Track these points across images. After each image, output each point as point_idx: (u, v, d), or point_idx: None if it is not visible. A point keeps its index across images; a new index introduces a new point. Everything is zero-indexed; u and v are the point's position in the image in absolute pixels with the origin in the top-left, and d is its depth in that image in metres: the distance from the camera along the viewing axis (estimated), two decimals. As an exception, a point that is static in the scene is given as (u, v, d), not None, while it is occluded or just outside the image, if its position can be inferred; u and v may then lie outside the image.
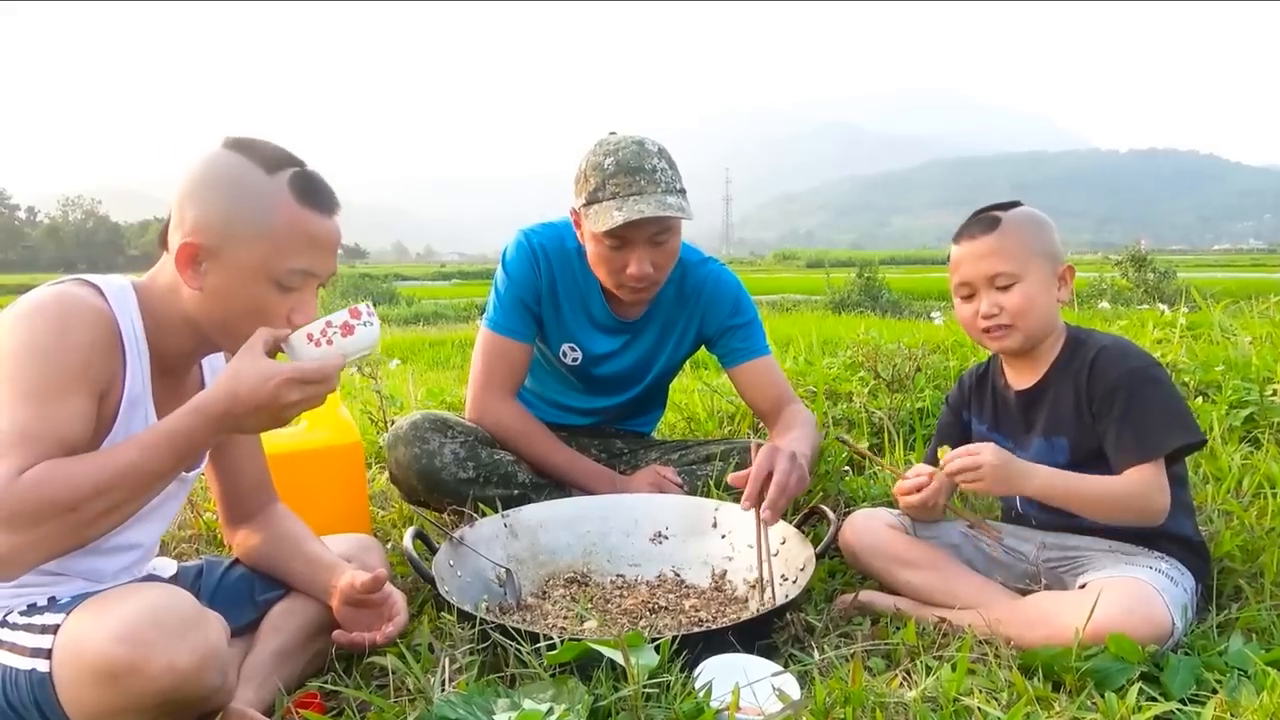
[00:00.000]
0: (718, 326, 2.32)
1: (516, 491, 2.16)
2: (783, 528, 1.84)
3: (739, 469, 1.84)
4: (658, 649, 1.31)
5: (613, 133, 2.17)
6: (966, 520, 1.74)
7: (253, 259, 1.28)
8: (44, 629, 1.19)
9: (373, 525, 2.28)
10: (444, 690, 1.33)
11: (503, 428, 2.24)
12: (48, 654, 1.16)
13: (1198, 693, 1.36)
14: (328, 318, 1.30)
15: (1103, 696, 1.31)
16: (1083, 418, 1.65)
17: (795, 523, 1.90)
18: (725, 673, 1.31)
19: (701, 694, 1.27)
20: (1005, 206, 1.73)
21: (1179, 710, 1.31)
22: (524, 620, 1.72)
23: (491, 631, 1.46)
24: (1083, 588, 1.54)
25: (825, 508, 1.92)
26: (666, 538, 2.03)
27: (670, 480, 2.22)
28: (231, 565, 1.61)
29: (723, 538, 1.97)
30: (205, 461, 1.54)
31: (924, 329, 5.24)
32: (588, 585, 1.93)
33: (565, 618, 1.73)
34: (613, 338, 2.33)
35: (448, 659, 1.40)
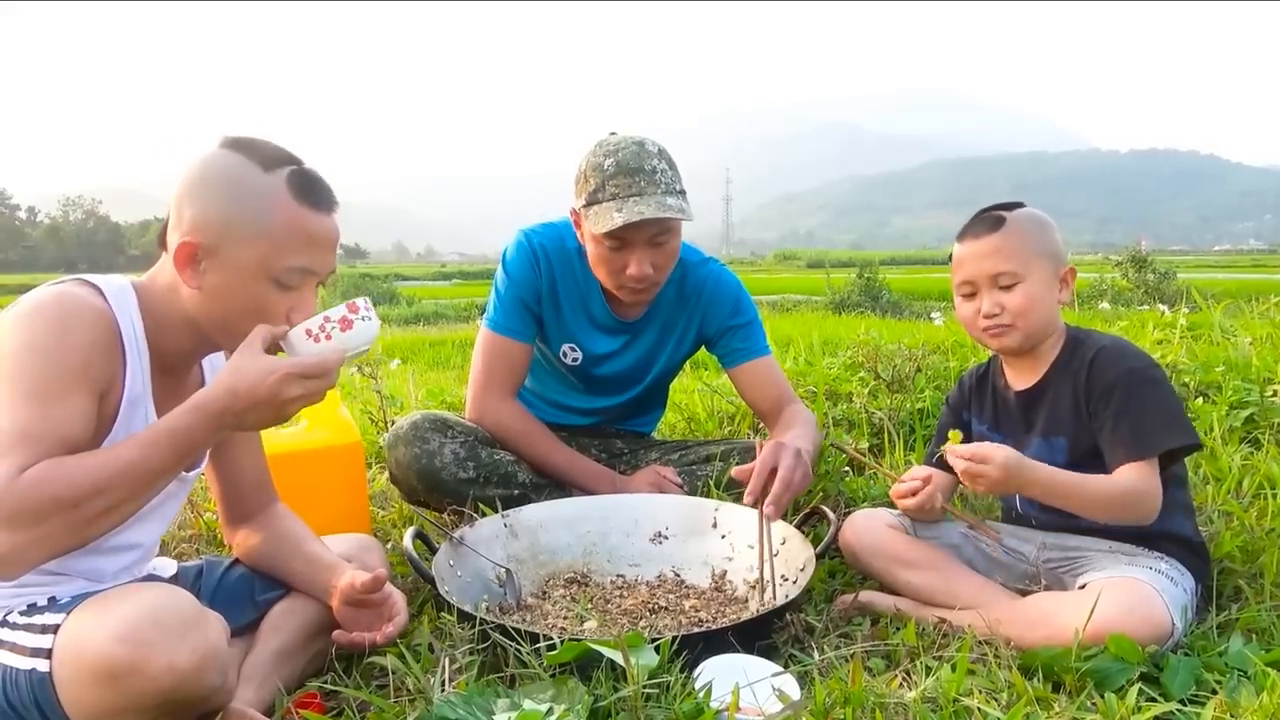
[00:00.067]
0: (718, 327, 2.32)
1: (516, 491, 2.16)
2: (783, 528, 1.84)
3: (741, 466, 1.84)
4: (658, 649, 1.31)
5: (613, 133, 2.17)
6: (966, 521, 1.75)
7: (251, 258, 1.28)
8: (44, 629, 1.19)
9: (373, 525, 2.28)
10: (444, 690, 1.32)
11: (503, 428, 2.24)
12: (48, 654, 1.16)
13: (1197, 693, 1.36)
14: (325, 313, 1.30)
15: (1102, 697, 1.31)
16: (1081, 417, 1.65)
17: (795, 523, 1.90)
18: (725, 673, 1.31)
19: (701, 694, 1.27)
20: (1009, 206, 1.73)
21: (1179, 711, 1.31)
22: (524, 620, 1.72)
23: (491, 632, 1.46)
24: (1083, 588, 1.54)
25: (825, 508, 1.92)
26: (666, 538, 2.03)
27: (670, 480, 2.22)
28: (232, 565, 1.61)
29: (723, 538, 1.97)
30: (205, 461, 1.54)
31: (924, 329, 5.23)
32: (588, 585, 1.93)
33: (565, 618, 1.73)
34: (613, 338, 2.33)
35: (448, 659, 1.40)
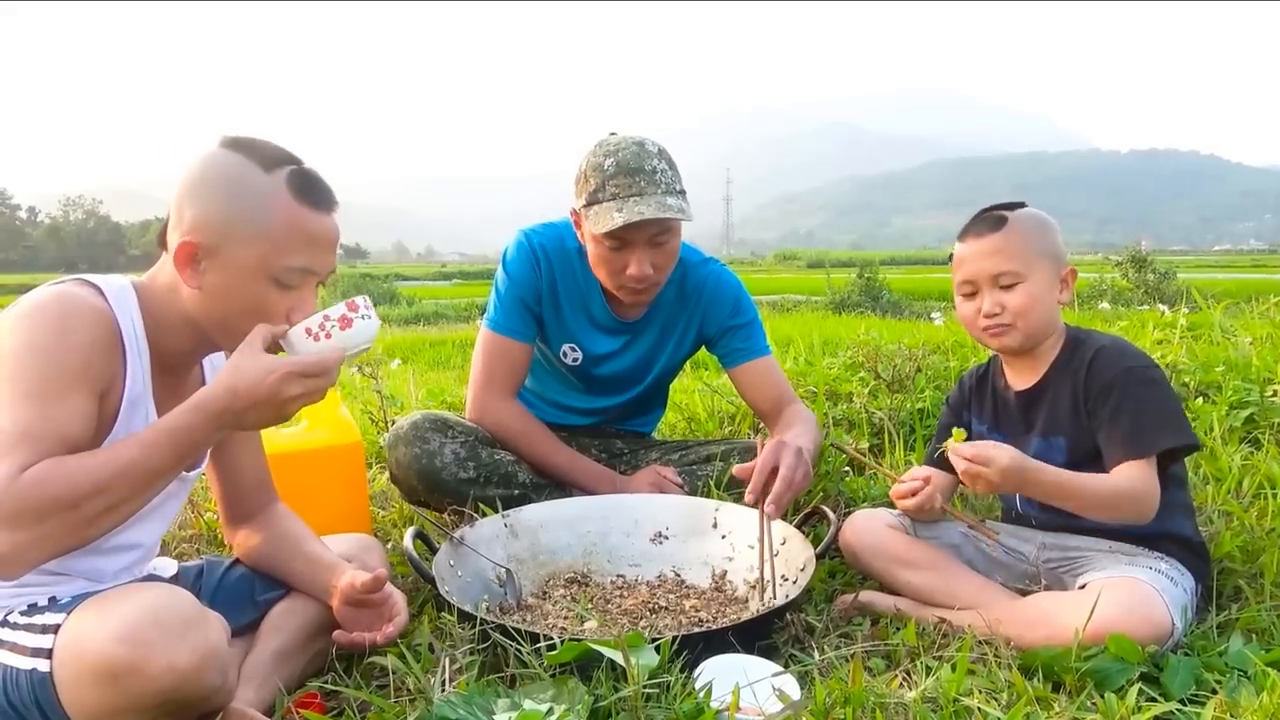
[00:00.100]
0: (718, 327, 2.32)
1: (517, 491, 2.16)
2: (783, 528, 1.84)
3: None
4: (658, 649, 1.31)
5: (613, 133, 2.17)
6: (965, 522, 1.75)
7: (251, 257, 1.28)
8: (45, 629, 1.19)
9: (373, 525, 2.28)
10: (444, 690, 1.33)
11: (503, 428, 2.24)
12: (48, 654, 1.16)
13: (1197, 693, 1.36)
14: (325, 311, 1.30)
15: (1102, 697, 1.31)
16: (1080, 417, 1.65)
17: (796, 523, 1.90)
18: (725, 673, 1.31)
19: (701, 694, 1.27)
20: (1011, 206, 1.73)
21: (1179, 711, 1.31)
22: (524, 620, 1.72)
23: (492, 632, 1.46)
24: (1083, 588, 1.54)
25: (825, 508, 1.92)
26: (667, 538, 2.03)
27: (670, 480, 2.22)
28: (232, 565, 1.61)
29: (723, 538, 1.97)
30: (206, 461, 1.55)
31: (924, 329, 5.24)
32: (588, 585, 1.93)
33: (565, 618, 1.73)
34: (613, 338, 2.33)
35: (448, 659, 1.40)
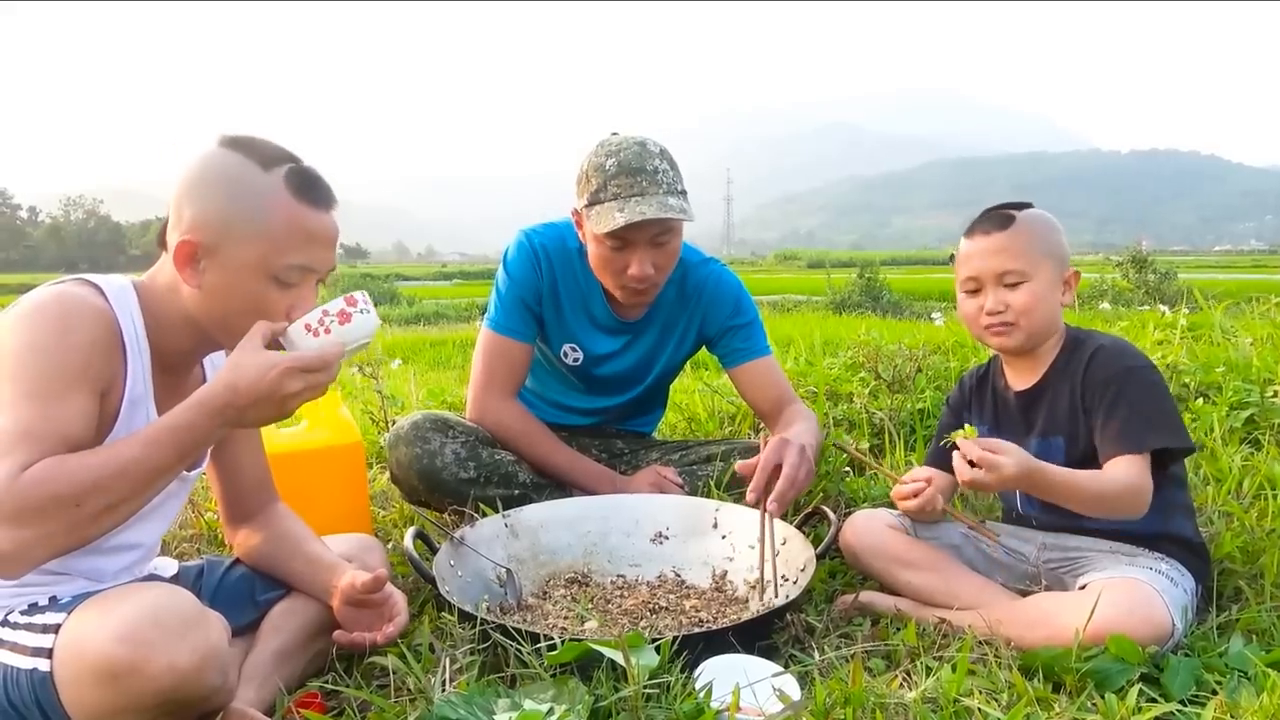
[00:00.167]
0: (719, 327, 2.32)
1: (517, 491, 2.16)
2: (784, 528, 1.84)
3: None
4: (658, 649, 1.31)
5: (615, 133, 2.17)
6: (966, 523, 1.75)
7: (251, 256, 1.28)
8: (45, 628, 1.19)
9: (373, 525, 2.28)
10: (444, 690, 1.32)
11: (503, 428, 2.24)
12: (49, 653, 1.16)
13: (1198, 694, 1.36)
14: (324, 306, 1.30)
15: (1103, 697, 1.31)
16: (1078, 416, 1.66)
17: (796, 523, 1.90)
18: (726, 673, 1.31)
19: (702, 694, 1.27)
20: (1019, 206, 1.73)
21: (1179, 711, 1.31)
22: (524, 620, 1.72)
23: (492, 632, 1.46)
24: (1083, 588, 1.54)
25: (826, 508, 1.92)
26: (667, 538, 2.03)
27: (671, 480, 2.22)
28: (232, 565, 1.61)
29: (723, 538, 1.97)
30: (206, 461, 1.55)
31: (925, 330, 5.23)
32: (588, 585, 1.93)
33: (566, 618, 1.73)
34: (614, 338, 2.33)
35: (448, 659, 1.40)
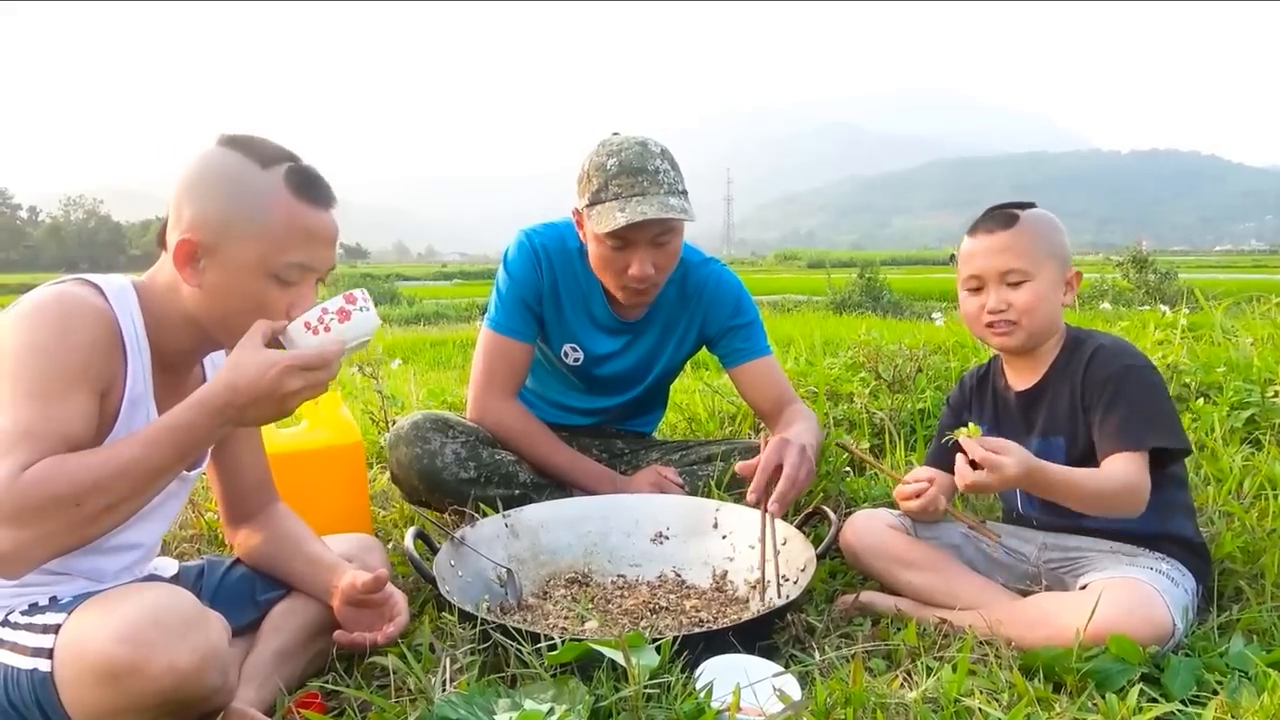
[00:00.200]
0: (719, 327, 2.32)
1: (518, 491, 2.16)
2: (784, 528, 1.84)
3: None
4: (658, 649, 1.31)
5: (616, 133, 2.17)
6: (967, 523, 1.74)
7: (250, 254, 1.28)
8: (45, 629, 1.19)
9: (374, 525, 2.28)
10: (445, 690, 1.32)
11: (504, 428, 2.24)
12: (49, 654, 1.16)
13: (1198, 694, 1.36)
14: (323, 304, 1.30)
15: (1103, 697, 1.31)
16: (1077, 415, 1.66)
17: (796, 523, 1.90)
18: (726, 673, 1.31)
19: (702, 694, 1.27)
20: (1022, 206, 1.74)
21: (1179, 711, 1.31)
22: (525, 620, 1.72)
23: (492, 632, 1.46)
24: (1083, 589, 1.54)
25: (826, 508, 1.92)
26: (667, 538, 2.03)
27: (671, 480, 2.22)
28: (233, 565, 1.61)
29: (724, 538, 1.97)
30: (207, 461, 1.55)
31: (925, 330, 5.24)
32: (589, 585, 1.93)
33: (566, 618, 1.73)
34: (614, 338, 2.33)
35: (449, 659, 1.40)
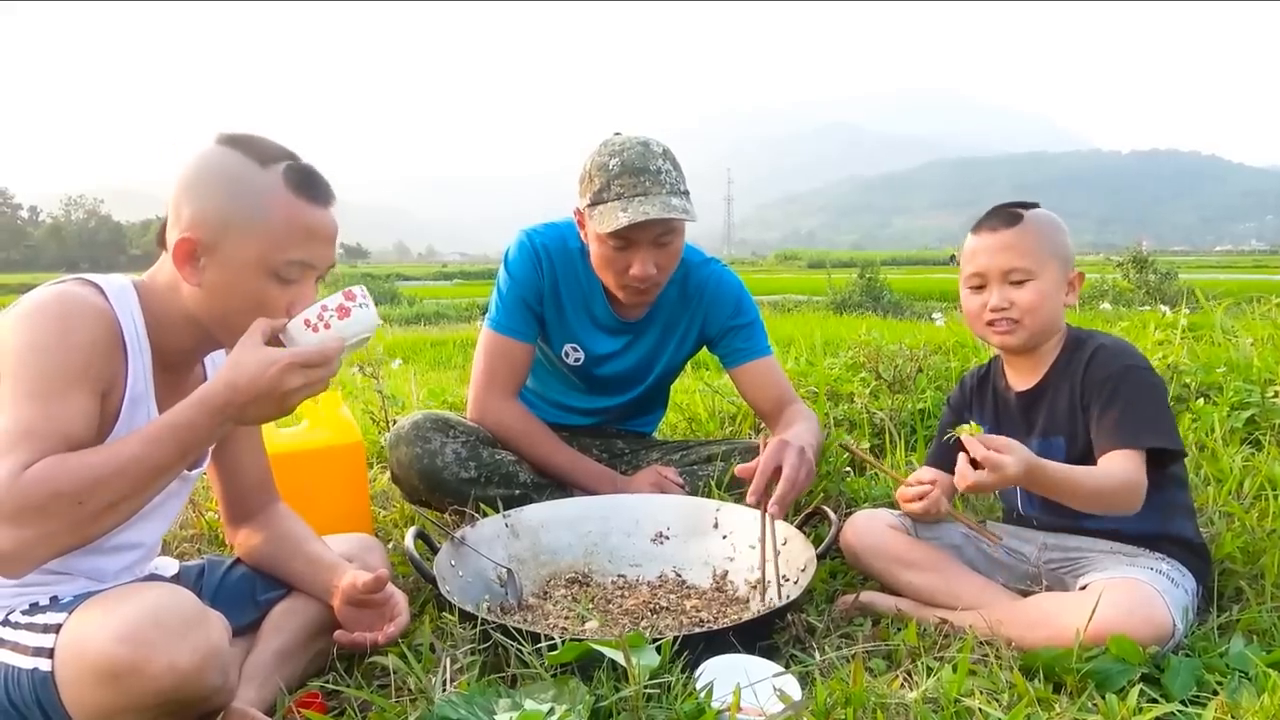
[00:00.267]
0: (720, 327, 2.32)
1: (518, 491, 2.16)
2: (784, 528, 1.84)
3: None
4: (659, 649, 1.31)
5: (618, 133, 2.17)
6: (968, 524, 1.74)
7: (250, 253, 1.28)
8: (46, 628, 1.19)
9: (374, 525, 2.28)
10: (445, 690, 1.32)
11: (504, 428, 2.24)
12: (50, 653, 1.16)
13: (1198, 694, 1.36)
14: (323, 302, 1.30)
15: (1103, 698, 1.31)
16: (1077, 414, 1.66)
17: (797, 523, 1.90)
18: (726, 673, 1.31)
19: (703, 694, 1.27)
20: (1026, 205, 1.74)
21: (1180, 712, 1.31)
22: (525, 620, 1.72)
23: (493, 631, 1.46)
24: (1084, 589, 1.54)
25: (826, 508, 1.92)
26: (668, 538, 2.03)
27: (671, 480, 2.22)
28: (233, 565, 1.61)
29: (724, 538, 1.97)
30: (207, 460, 1.55)
31: (925, 330, 5.24)
32: (589, 585, 1.93)
33: (566, 618, 1.73)
34: (615, 338, 2.33)
35: (449, 659, 1.40)
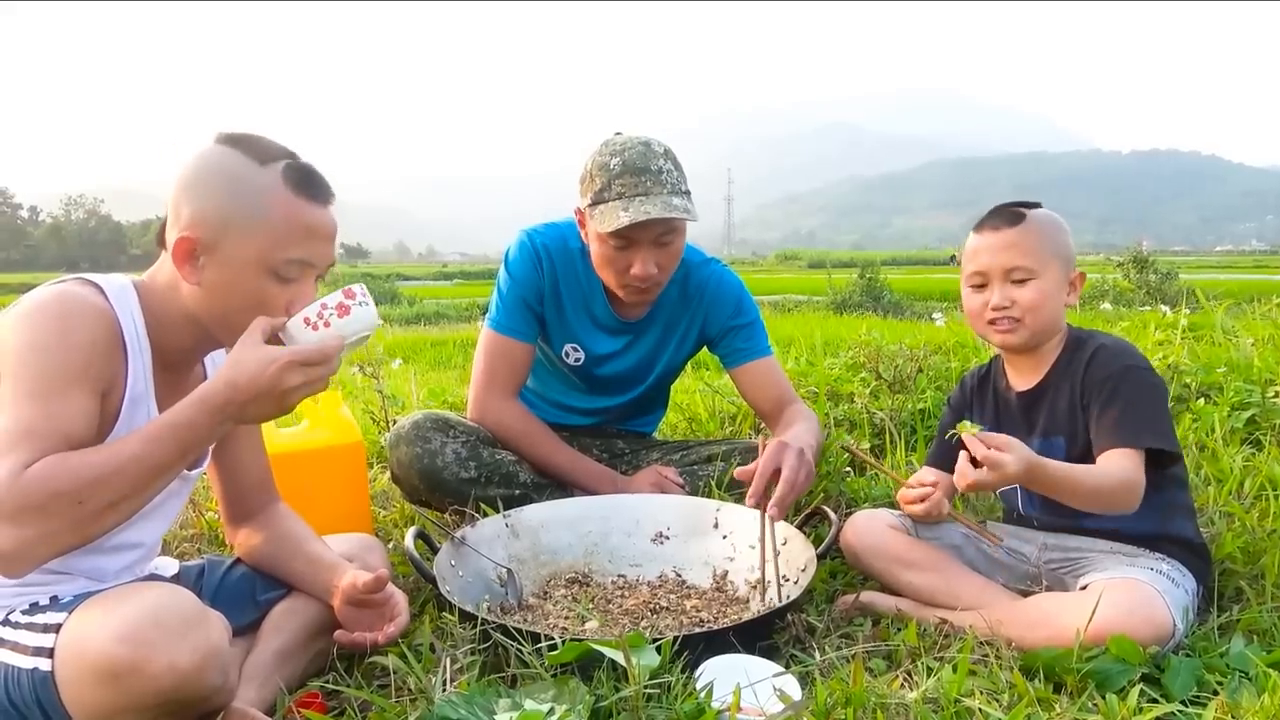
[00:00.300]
0: (720, 327, 2.32)
1: (518, 491, 2.16)
2: (784, 528, 1.84)
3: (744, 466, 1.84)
4: (659, 649, 1.31)
5: (619, 133, 2.17)
6: (969, 525, 1.74)
7: (250, 251, 1.28)
8: (46, 628, 1.19)
9: (374, 525, 2.28)
10: (445, 690, 1.32)
11: (504, 428, 2.24)
12: (50, 653, 1.16)
13: (1199, 694, 1.36)
14: (322, 300, 1.30)
15: (1104, 698, 1.31)
16: (1077, 414, 1.66)
17: (797, 523, 1.90)
18: (726, 673, 1.31)
19: (703, 694, 1.27)
20: (1029, 205, 1.74)
21: (1180, 712, 1.31)
22: (525, 620, 1.72)
23: (493, 631, 1.46)
24: (1084, 589, 1.54)
25: (827, 508, 1.92)
26: (668, 538, 2.03)
27: (672, 480, 2.22)
28: (233, 565, 1.61)
29: (724, 538, 1.97)
30: (208, 460, 1.55)
31: (926, 330, 5.24)
32: (589, 585, 1.93)
33: (566, 618, 1.73)
34: (615, 338, 2.33)
35: (449, 659, 1.40)
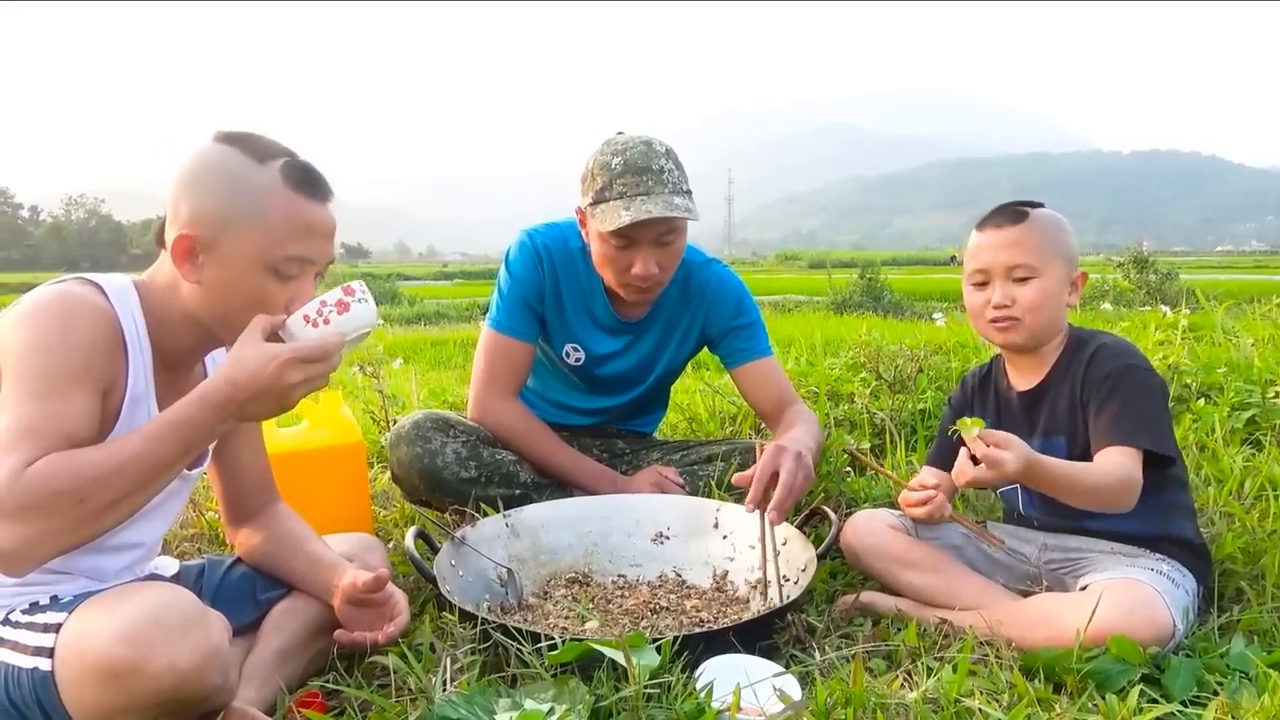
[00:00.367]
0: (720, 327, 2.32)
1: (518, 491, 2.16)
2: (784, 528, 1.83)
3: (742, 469, 1.84)
4: (659, 649, 1.31)
5: (620, 132, 2.17)
6: (970, 527, 1.74)
7: (249, 249, 1.28)
8: (46, 628, 1.19)
9: (374, 525, 2.28)
10: (445, 690, 1.33)
11: (504, 427, 2.24)
12: (50, 653, 1.16)
13: (1199, 695, 1.36)
14: (322, 297, 1.30)
15: (1104, 698, 1.30)
16: (1077, 413, 1.66)
17: (797, 523, 1.90)
18: (726, 673, 1.31)
19: (703, 694, 1.27)
20: (1032, 205, 1.74)
21: (1180, 712, 1.31)
22: (525, 620, 1.72)
23: (493, 631, 1.46)
24: (1084, 589, 1.54)
25: (827, 508, 1.92)
26: (668, 538, 2.03)
27: (672, 480, 2.22)
28: (233, 564, 1.61)
29: (724, 538, 1.97)
30: (208, 459, 1.55)
31: (926, 330, 5.24)
32: (589, 585, 1.93)
33: (567, 618, 1.73)
34: (615, 338, 2.33)
35: (449, 659, 1.40)
